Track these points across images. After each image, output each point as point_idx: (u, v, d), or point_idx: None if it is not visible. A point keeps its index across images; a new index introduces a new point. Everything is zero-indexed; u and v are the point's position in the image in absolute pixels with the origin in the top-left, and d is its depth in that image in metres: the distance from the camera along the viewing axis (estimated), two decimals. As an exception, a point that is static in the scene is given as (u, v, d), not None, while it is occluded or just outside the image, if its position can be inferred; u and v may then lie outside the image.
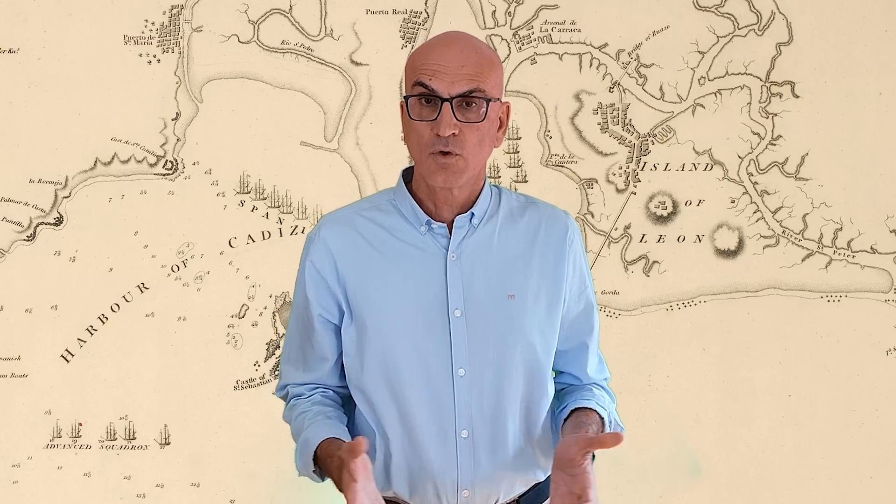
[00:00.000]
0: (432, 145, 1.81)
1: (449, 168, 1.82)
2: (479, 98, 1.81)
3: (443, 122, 1.79)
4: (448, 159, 1.81)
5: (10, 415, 3.12)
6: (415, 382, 1.87)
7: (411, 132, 1.86)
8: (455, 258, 1.89)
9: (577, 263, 1.99)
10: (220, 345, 3.14)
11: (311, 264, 1.93)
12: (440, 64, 1.81)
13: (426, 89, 1.81)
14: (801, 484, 3.22)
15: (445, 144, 1.80)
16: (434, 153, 1.82)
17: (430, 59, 1.82)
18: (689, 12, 3.19)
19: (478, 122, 1.81)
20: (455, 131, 1.80)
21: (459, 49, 1.83)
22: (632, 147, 3.19)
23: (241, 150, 3.13)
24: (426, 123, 1.82)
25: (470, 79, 1.80)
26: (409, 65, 1.88)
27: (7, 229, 3.11)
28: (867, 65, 3.19)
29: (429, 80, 1.80)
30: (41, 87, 3.11)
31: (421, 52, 1.86)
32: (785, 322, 3.20)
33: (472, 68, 1.81)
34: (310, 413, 1.92)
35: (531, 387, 1.92)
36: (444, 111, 1.79)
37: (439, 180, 1.84)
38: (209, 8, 3.12)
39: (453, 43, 1.84)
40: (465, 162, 1.83)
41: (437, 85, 1.80)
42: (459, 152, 1.81)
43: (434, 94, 1.80)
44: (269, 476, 3.11)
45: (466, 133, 1.81)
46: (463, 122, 1.81)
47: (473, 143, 1.83)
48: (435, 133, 1.80)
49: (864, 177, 3.20)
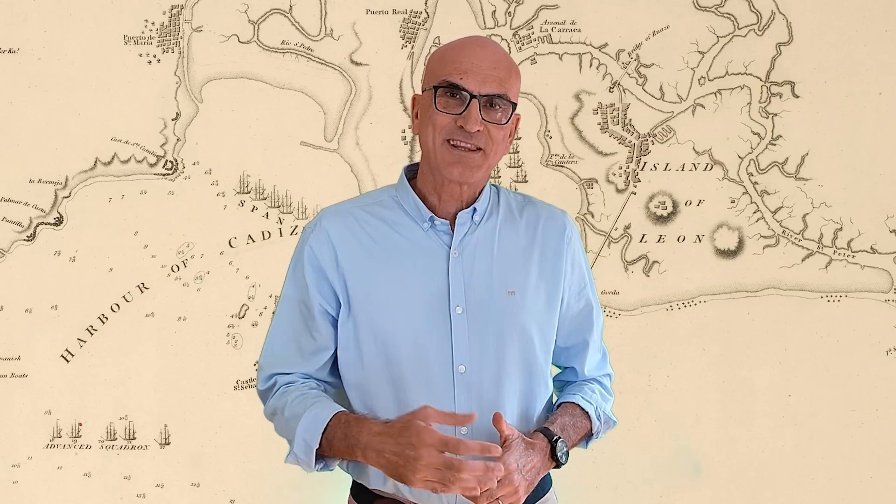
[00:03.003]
0: (451, 133, 1.84)
1: (466, 162, 1.85)
2: (504, 101, 1.85)
3: (471, 117, 1.82)
4: (468, 153, 1.84)
5: (10, 415, 3.12)
6: (415, 378, 1.87)
7: (429, 123, 1.87)
8: (457, 255, 1.90)
9: (575, 262, 2.01)
10: (220, 345, 3.14)
11: (312, 252, 1.93)
12: (473, 62, 1.84)
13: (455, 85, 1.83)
14: (801, 484, 3.22)
15: (468, 138, 1.83)
16: (450, 141, 1.84)
17: (464, 56, 1.85)
18: (689, 12, 3.19)
19: (500, 123, 1.85)
20: (481, 128, 1.83)
21: (492, 52, 1.87)
22: (632, 147, 3.19)
23: (241, 150, 3.13)
24: (450, 116, 1.84)
25: (500, 82, 1.85)
26: (437, 60, 1.90)
27: (7, 229, 3.12)
28: (867, 65, 3.19)
29: (460, 77, 1.83)
30: (41, 87, 3.11)
31: (453, 48, 1.89)
32: (785, 322, 3.20)
33: (502, 72, 1.86)
34: (310, 395, 1.89)
35: (529, 382, 1.93)
36: (472, 107, 1.83)
37: (455, 173, 1.85)
38: (209, 8, 3.13)
39: (486, 46, 1.89)
40: (484, 158, 1.86)
41: (469, 81, 1.83)
42: (483, 147, 1.84)
43: (464, 89, 1.82)
44: (269, 476, 3.11)
45: (492, 131, 1.85)
46: (487, 121, 1.84)
47: (498, 142, 1.87)
48: (459, 126, 1.83)
49: (864, 177, 3.20)
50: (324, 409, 1.83)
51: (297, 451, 1.83)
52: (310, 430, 1.81)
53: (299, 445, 1.83)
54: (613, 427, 2.08)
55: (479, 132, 1.83)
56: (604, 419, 2.02)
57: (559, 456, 1.88)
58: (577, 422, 1.96)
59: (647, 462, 3.20)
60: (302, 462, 1.85)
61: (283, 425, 1.91)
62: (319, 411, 1.82)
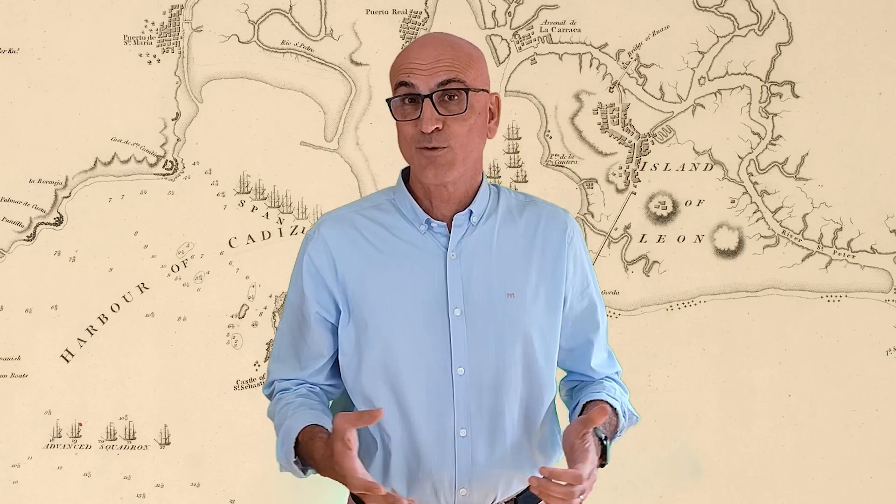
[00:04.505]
0: (418, 140, 1.83)
1: (436, 161, 1.83)
2: (458, 89, 1.82)
3: (424, 118, 1.81)
4: (435, 153, 1.82)
5: (10, 415, 3.12)
6: (414, 381, 1.87)
7: (400, 135, 1.87)
8: (455, 257, 1.90)
9: (577, 262, 1.99)
10: (220, 345, 3.14)
11: (310, 261, 1.93)
12: (416, 62, 1.83)
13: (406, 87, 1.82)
14: (801, 484, 3.22)
15: (429, 141, 1.82)
16: (420, 148, 1.83)
17: (408, 60, 1.85)
18: (689, 12, 3.19)
19: (460, 113, 1.82)
20: (438, 126, 1.81)
21: (434, 46, 1.85)
22: (632, 147, 3.19)
23: (241, 150, 3.13)
24: (411, 122, 1.83)
25: (447, 69, 1.82)
26: (391, 71, 1.90)
27: (7, 229, 3.11)
28: (867, 65, 3.19)
29: (407, 77, 1.82)
30: (41, 87, 3.11)
31: (399, 55, 1.89)
32: (785, 322, 3.20)
33: (448, 61, 1.83)
34: (293, 404, 1.91)
35: (530, 385, 1.92)
36: (425, 107, 1.81)
37: (429, 175, 1.84)
38: (209, 8, 3.13)
39: (428, 42, 1.87)
40: (453, 154, 1.84)
41: (416, 80, 1.82)
42: (445, 145, 1.82)
43: (414, 91, 1.82)
44: (269, 476, 3.11)
45: (452, 126, 1.82)
46: (446, 115, 1.82)
47: (462, 135, 1.83)
48: (419, 130, 1.82)
49: (864, 177, 3.20)
50: (296, 420, 1.86)
51: (281, 460, 1.88)
52: (285, 441, 1.85)
53: (280, 455, 1.88)
54: (636, 423, 2.06)
55: (437, 131, 1.81)
56: (628, 415, 2.02)
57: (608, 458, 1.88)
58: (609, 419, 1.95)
59: (647, 462, 3.19)
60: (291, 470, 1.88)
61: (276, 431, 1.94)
62: (292, 423, 1.86)
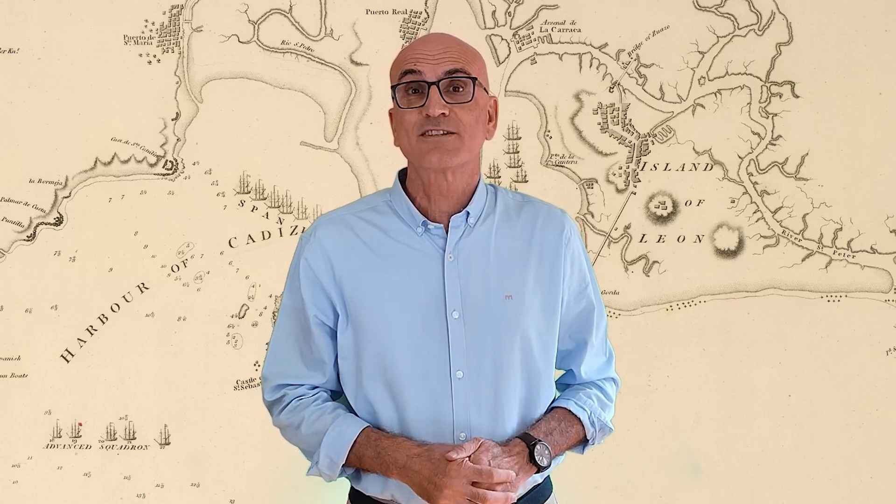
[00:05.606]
0: (421, 126, 1.84)
1: (441, 145, 1.84)
2: (464, 79, 1.85)
3: (431, 102, 1.83)
4: (441, 138, 1.83)
5: (10, 415, 3.12)
6: (413, 384, 1.87)
7: (401, 125, 1.88)
8: (452, 259, 1.89)
9: (575, 262, 1.98)
10: (220, 345, 3.14)
11: (307, 264, 1.93)
12: (423, 52, 1.86)
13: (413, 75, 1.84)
14: (801, 484, 3.22)
15: (436, 124, 1.83)
16: (424, 134, 1.84)
17: (414, 51, 1.88)
18: (689, 12, 3.19)
19: (466, 101, 1.84)
20: (445, 111, 1.83)
21: (441, 40, 1.89)
22: (632, 147, 3.19)
23: (241, 150, 3.13)
24: (415, 110, 1.84)
25: (454, 60, 1.85)
26: (393, 65, 1.92)
27: (7, 229, 3.12)
28: (867, 65, 3.19)
29: (414, 65, 1.84)
30: (41, 87, 3.11)
31: (403, 51, 1.92)
32: (785, 322, 3.20)
33: (455, 53, 1.86)
34: (328, 408, 1.91)
35: (529, 387, 1.92)
36: (432, 93, 1.83)
37: (434, 160, 1.84)
38: (209, 8, 3.13)
39: (433, 37, 1.91)
40: (460, 140, 1.85)
41: (423, 68, 1.84)
42: (455, 130, 1.84)
43: (421, 78, 1.83)
44: (269, 476, 3.11)
45: (459, 113, 1.84)
46: (452, 103, 1.84)
47: (470, 123, 1.86)
48: (424, 115, 1.83)
49: (864, 177, 3.20)
50: (349, 426, 1.86)
51: (322, 467, 1.88)
52: (335, 447, 1.85)
53: (324, 462, 1.87)
54: (609, 434, 2.03)
55: (445, 116, 1.83)
56: (599, 426, 1.98)
57: (538, 459, 1.84)
58: (567, 427, 1.93)
59: (647, 462, 3.19)
60: (325, 475, 1.89)
61: (300, 440, 1.93)
62: (344, 429, 1.86)
